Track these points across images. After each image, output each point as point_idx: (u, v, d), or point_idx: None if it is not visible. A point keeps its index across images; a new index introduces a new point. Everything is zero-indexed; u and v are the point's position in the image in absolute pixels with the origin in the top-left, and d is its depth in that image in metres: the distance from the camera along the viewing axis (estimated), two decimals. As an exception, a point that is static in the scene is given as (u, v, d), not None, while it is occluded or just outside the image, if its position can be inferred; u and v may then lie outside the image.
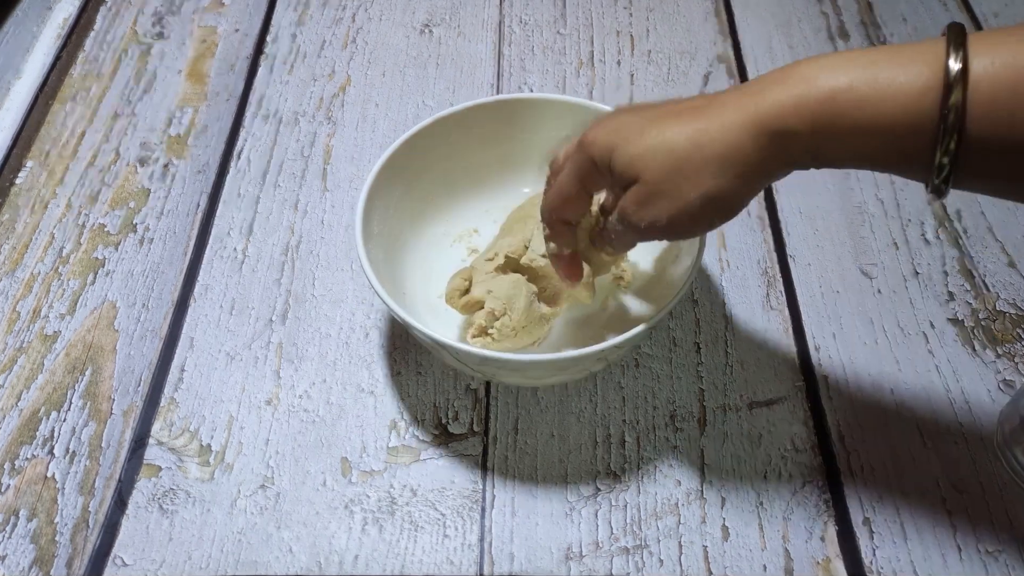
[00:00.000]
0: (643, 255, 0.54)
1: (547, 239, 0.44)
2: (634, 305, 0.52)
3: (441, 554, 0.45)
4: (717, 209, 0.37)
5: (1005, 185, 0.34)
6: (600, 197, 0.44)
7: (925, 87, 0.32)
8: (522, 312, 0.46)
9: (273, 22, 0.74)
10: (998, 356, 0.53)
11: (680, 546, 0.46)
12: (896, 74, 0.32)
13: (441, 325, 0.51)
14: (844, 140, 0.34)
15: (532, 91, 0.68)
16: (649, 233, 0.39)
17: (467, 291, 0.48)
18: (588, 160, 0.39)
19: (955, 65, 0.31)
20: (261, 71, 0.70)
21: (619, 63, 0.70)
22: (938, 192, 0.33)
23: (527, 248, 0.49)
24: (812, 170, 0.36)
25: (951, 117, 0.31)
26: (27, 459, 0.49)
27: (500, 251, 0.49)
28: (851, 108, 0.33)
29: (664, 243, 0.52)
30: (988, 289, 0.56)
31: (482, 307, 0.47)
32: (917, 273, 0.57)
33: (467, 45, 0.72)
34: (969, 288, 0.56)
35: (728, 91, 0.37)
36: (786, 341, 0.54)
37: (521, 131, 0.55)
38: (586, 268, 0.47)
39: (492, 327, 0.46)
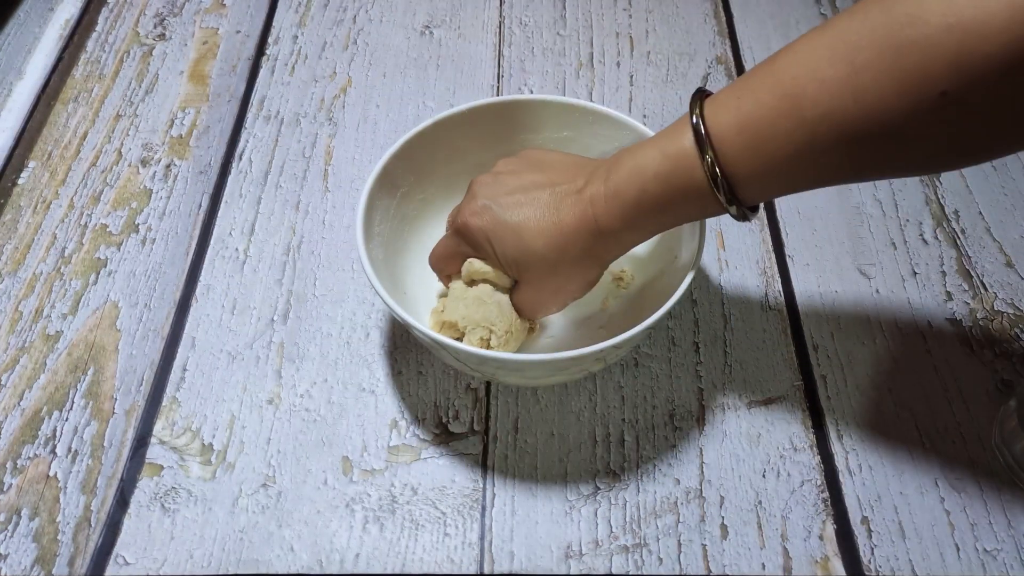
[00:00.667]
0: (641, 257, 0.54)
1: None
2: (633, 305, 0.53)
3: (442, 552, 0.46)
4: (589, 287, 0.46)
5: (792, 189, 0.40)
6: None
7: (692, 168, 0.39)
8: (502, 320, 0.46)
9: (274, 23, 0.74)
10: (996, 356, 0.53)
11: (679, 544, 0.46)
12: (671, 167, 0.40)
13: (441, 325, 0.51)
14: (660, 221, 0.42)
15: (532, 92, 0.68)
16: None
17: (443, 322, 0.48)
18: (463, 242, 0.46)
19: (695, 120, 0.39)
20: (262, 72, 0.70)
21: (619, 64, 0.71)
22: (743, 217, 0.40)
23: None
24: None
25: (713, 172, 0.38)
26: (29, 458, 0.49)
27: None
28: (652, 203, 0.41)
29: (661, 244, 0.53)
30: (986, 289, 0.57)
31: (459, 331, 0.47)
32: (915, 273, 0.57)
33: (467, 46, 0.72)
34: (967, 288, 0.57)
35: (582, 175, 0.44)
36: (784, 341, 0.54)
37: (522, 132, 0.55)
38: None
39: (489, 347, 0.47)
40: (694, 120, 0.39)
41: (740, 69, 0.70)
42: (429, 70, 0.70)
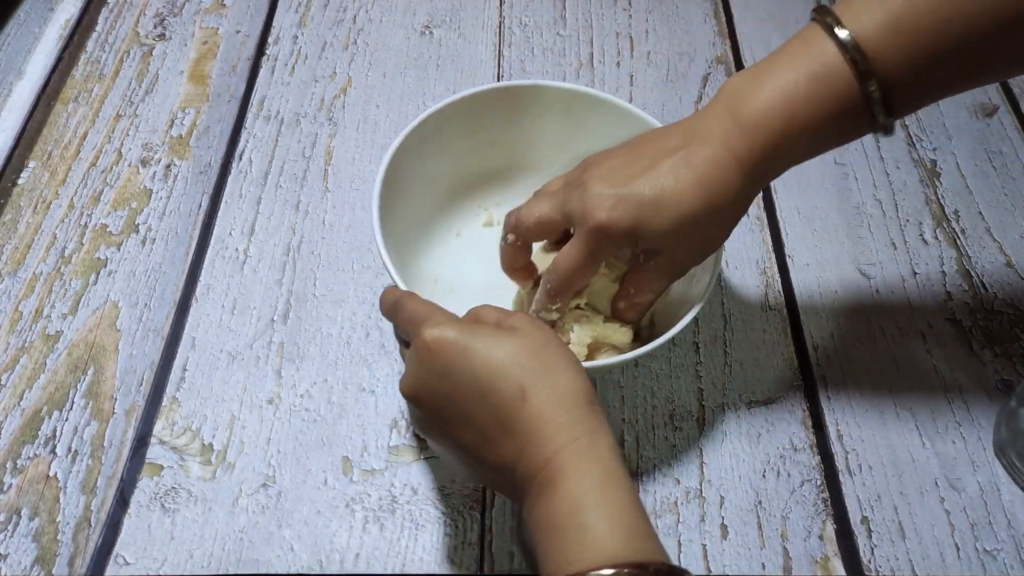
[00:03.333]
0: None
1: (547, 304, 0.45)
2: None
3: (442, 552, 0.46)
4: (731, 229, 0.44)
5: (936, 96, 0.40)
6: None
7: (837, 70, 0.38)
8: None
9: (274, 23, 0.74)
10: (996, 356, 0.53)
11: (679, 544, 0.46)
12: (818, 85, 0.39)
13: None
14: (808, 151, 0.41)
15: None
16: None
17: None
18: (605, 242, 0.42)
19: (845, 35, 0.38)
20: (262, 72, 0.70)
21: (618, 64, 0.71)
22: (887, 129, 0.39)
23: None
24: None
25: (865, 75, 0.38)
26: (29, 458, 0.49)
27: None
28: (802, 129, 0.39)
29: None
30: (986, 289, 0.57)
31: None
32: (915, 273, 0.57)
33: (467, 46, 0.72)
34: (967, 288, 0.57)
35: (690, 128, 0.41)
36: (784, 341, 0.54)
37: (526, 126, 0.55)
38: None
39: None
40: (841, 33, 0.38)
41: (740, 69, 0.70)
42: (429, 70, 0.70)
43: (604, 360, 0.44)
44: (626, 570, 0.30)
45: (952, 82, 0.39)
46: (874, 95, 0.38)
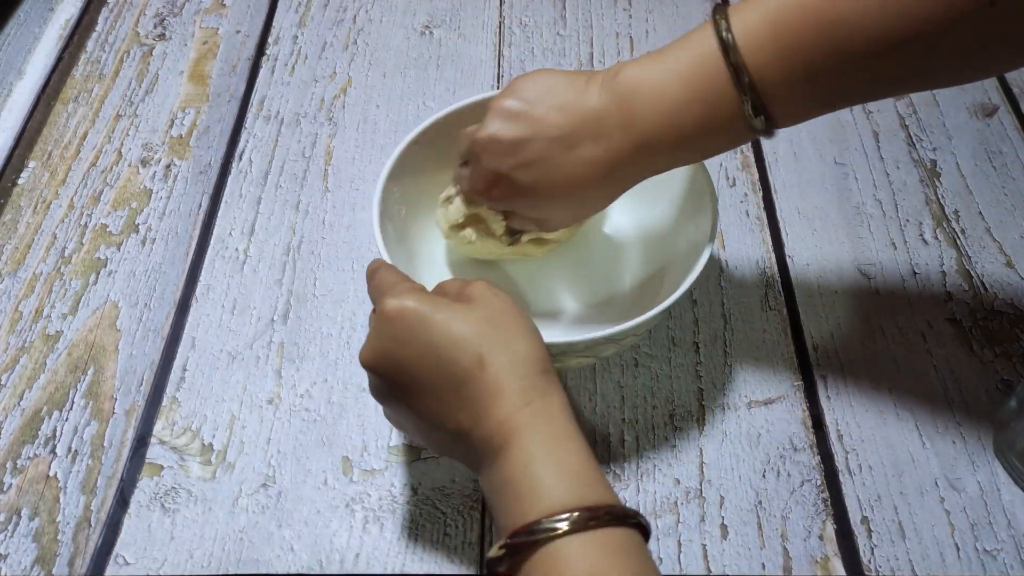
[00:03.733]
0: (647, 245, 0.54)
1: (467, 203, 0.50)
2: (645, 292, 0.53)
3: (442, 552, 0.46)
4: (608, 202, 0.46)
5: (819, 107, 0.40)
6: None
7: (716, 79, 0.39)
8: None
9: (274, 23, 0.74)
10: (996, 356, 0.53)
11: (679, 544, 0.46)
12: (702, 94, 0.39)
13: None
14: (688, 159, 0.43)
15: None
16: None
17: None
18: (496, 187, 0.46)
19: (726, 34, 0.38)
20: (262, 72, 0.70)
21: (619, 64, 0.71)
22: (766, 134, 0.40)
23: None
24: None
25: (740, 76, 0.38)
26: (29, 458, 0.49)
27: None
28: (689, 143, 0.41)
29: (670, 228, 0.53)
30: (986, 289, 0.57)
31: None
32: (915, 273, 0.57)
33: (467, 46, 0.72)
34: (967, 288, 0.57)
35: (596, 121, 0.42)
36: (784, 341, 0.54)
37: None
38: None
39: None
40: (723, 30, 0.38)
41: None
42: (429, 70, 0.70)
43: (618, 327, 0.44)
44: (576, 514, 0.32)
45: (832, 91, 0.38)
46: (746, 99, 0.38)
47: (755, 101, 0.38)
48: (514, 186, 0.45)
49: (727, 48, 0.38)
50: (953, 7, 0.33)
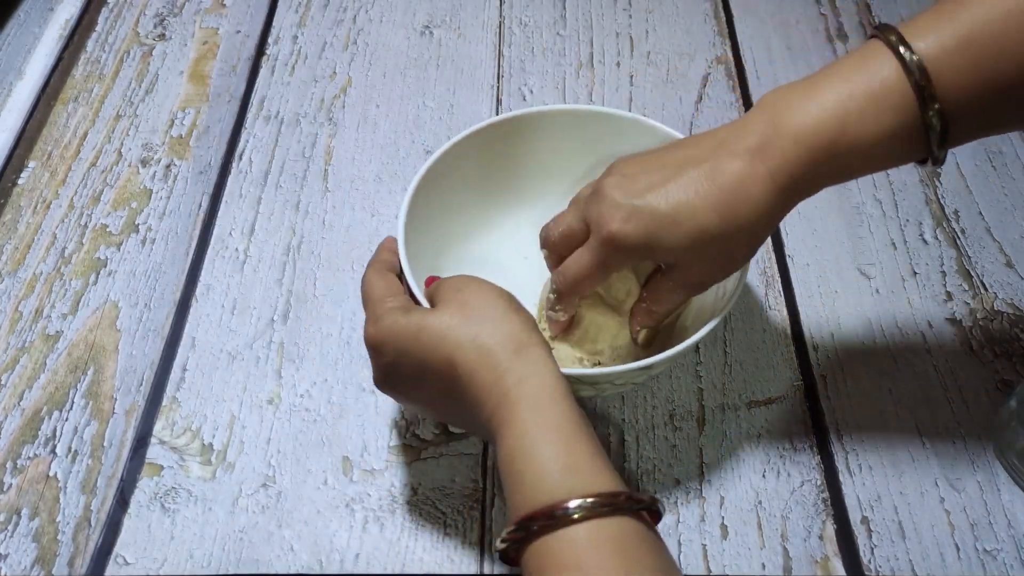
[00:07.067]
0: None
1: (553, 306, 0.46)
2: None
3: (442, 552, 0.46)
4: (735, 265, 0.42)
5: (993, 130, 0.38)
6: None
7: (897, 90, 0.36)
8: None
9: (274, 23, 0.74)
10: (996, 356, 0.53)
11: (679, 544, 0.46)
12: (875, 102, 0.36)
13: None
14: (848, 172, 0.39)
15: (532, 92, 0.68)
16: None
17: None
18: (615, 253, 0.40)
19: (909, 55, 0.35)
20: (262, 72, 0.70)
21: (618, 64, 0.71)
22: (936, 160, 0.37)
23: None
24: None
25: (928, 99, 0.35)
26: (29, 458, 0.49)
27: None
28: (850, 146, 0.37)
29: None
30: (986, 289, 0.57)
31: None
32: (915, 273, 0.57)
33: (467, 46, 0.72)
34: (967, 288, 0.57)
35: (723, 138, 0.39)
36: (785, 341, 0.54)
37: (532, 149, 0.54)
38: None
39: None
40: (905, 53, 0.35)
41: (740, 69, 0.70)
42: (429, 70, 0.70)
43: (634, 364, 0.42)
44: (560, 511, 0.32)
45: (1016, 115, 0.37)
46: (933, 121, 0.35)
47: (941, 124, 0.35)
48: (652, 214, 0.39)
49: (908, 65, 0.35)
50: None
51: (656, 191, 0.39)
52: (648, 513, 0.34)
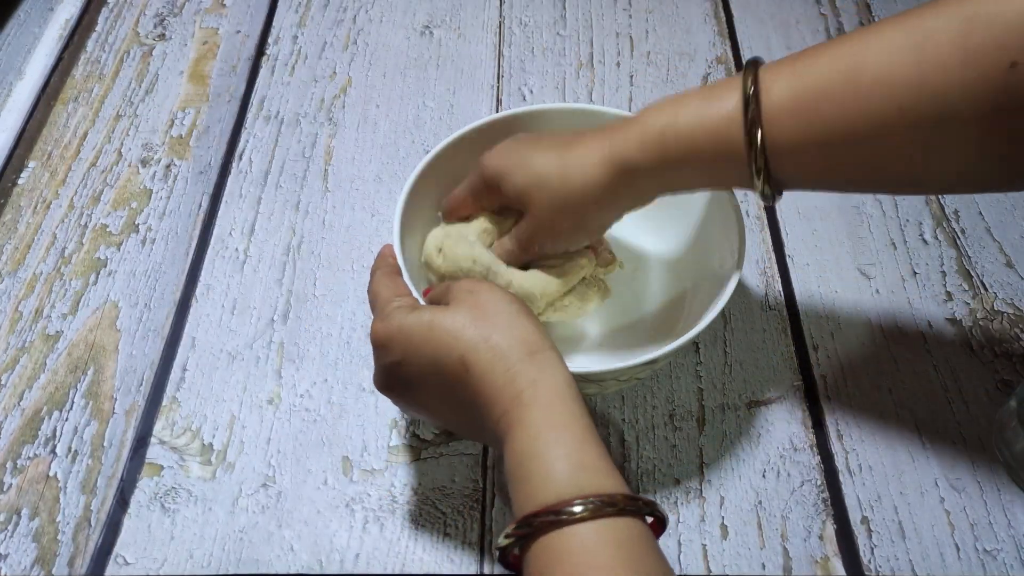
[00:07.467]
0: (671, 267, 0.54)
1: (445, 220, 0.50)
2: (668, 317, 0.52)
3: (442, 552, 0.46)
4: (585, 233, 0.46)
5: (822, 180, 0.41)
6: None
7: (729, 113, 0.39)
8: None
9: (274, 24, 0.74)
10: (996, 356, 0.53)
11: (679, 544, 0.46)
12: (707, 106, 0.40)
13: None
14: (679, 168, 0.41)
15: (532, 92, 0.68)
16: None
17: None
18: (481, 180, 0.47)
19: (750, 88, 0.38)
20: (262, 72, 0.70)
21: (619, 64, 0.71)
22: (767, 198, 0.40)
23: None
24: None
25: (753, 129, 0.38)
26: (29, 458, 0.49)
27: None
28: (676, 141, 0.40)
29: (693, 253, 0.53)
30: (986, 289, 0.57)
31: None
32: (915, 273, 0.57)
33: (467, 46, 0.72)
34: (967, 288, 0.57)
35: (593, 130, 0.44)
36: (784, 341, 0.54)
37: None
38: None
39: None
40: (748, 85, 0.38)
41: (740, 69, 0.70)
42: (429, 70, 0.70)
43: (637, 359, 0.43)
44: (569, 508, 0.32)
45: (839, 173, 0.39)
46: (757, 159, 0.38)
47: (764, 163, 0.38)
48: (510, 157, 0.46)
49: (747, 99, 0.38)
50: (981, 70, 0.33)
51: (531, 147, 0.45)
52: (653, 519, 0.34)
